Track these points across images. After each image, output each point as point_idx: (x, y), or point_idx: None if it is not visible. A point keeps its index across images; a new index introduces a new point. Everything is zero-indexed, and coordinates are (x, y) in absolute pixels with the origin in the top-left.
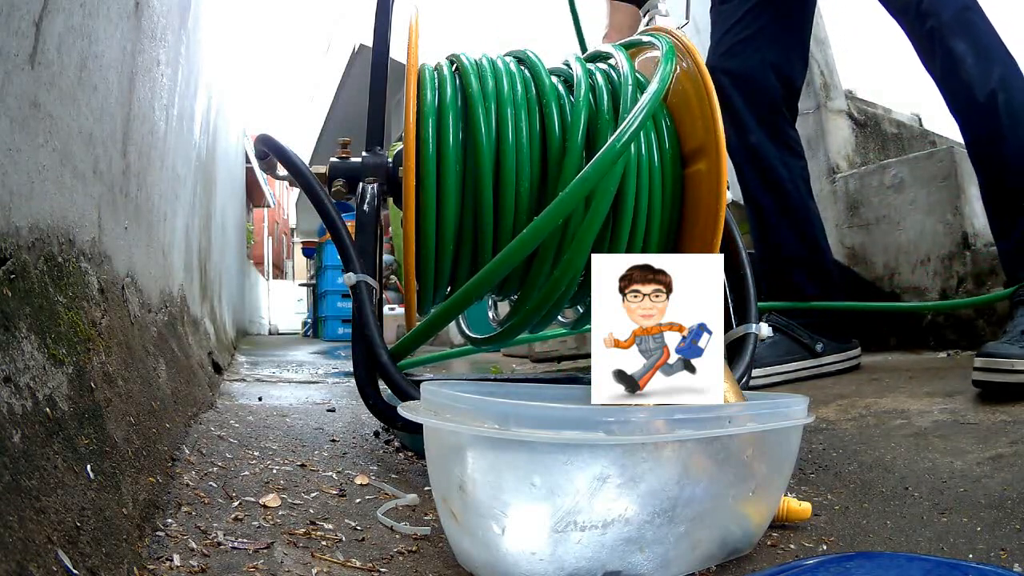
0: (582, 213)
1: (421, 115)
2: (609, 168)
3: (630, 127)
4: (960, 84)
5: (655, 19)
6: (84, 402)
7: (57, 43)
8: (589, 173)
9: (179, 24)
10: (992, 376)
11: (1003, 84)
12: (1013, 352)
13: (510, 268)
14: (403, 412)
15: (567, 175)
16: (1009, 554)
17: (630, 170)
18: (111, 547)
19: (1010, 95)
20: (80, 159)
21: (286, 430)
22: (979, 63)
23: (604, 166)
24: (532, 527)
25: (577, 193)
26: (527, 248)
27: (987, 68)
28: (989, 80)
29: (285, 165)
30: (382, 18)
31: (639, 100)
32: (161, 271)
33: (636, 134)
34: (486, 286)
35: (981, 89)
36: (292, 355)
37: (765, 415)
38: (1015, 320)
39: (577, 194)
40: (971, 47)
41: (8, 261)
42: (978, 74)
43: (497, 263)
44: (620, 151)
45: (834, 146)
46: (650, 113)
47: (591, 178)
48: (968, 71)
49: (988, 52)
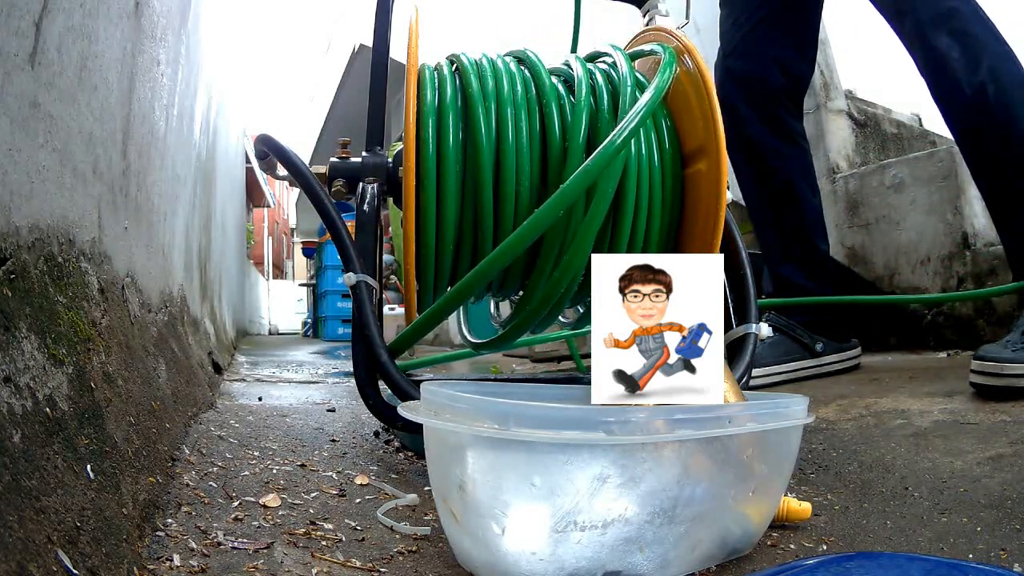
0: (582, 212)
1: (421, 115)
2: (611, 160)
3: (631, 121)
4: (948, 81)
5: (655, 19)
6: (84, 402)
7: (57, 43)
8: (591, 166)
9: (179, 24)
10: (984, 379)
11: (992, 75)
12: (1004, 356)
13: (511, 259)
14: (403, 412)
15: (569, 174)
16: (1009, 554)
17: (630, 170)
18: (111, 547)
19: (1000, 86)
20: (80, 159)
21: (286, 430)
22: (965, 56)
23: (606, 159)
24: (532, 527)
25: (579, 185)
26: (527, 240)
27: (975, 60)
28: (978, 72)
29: (285, 165)
30: (382, 18)
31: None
32: (161, 271)
33: (637, 129)
34: (486, 278)
35: (970, 84)
36: (292, 355)
37: (765, 415)
38: (1019, 319)
39: (579, 186)
40: (956, 40)
41: (8, 261)
42: (965, 68)
43: (498, 254)
44: (622, 145)
45: (834, 146)
46: (651, 110)
47: (592, 170)
48: (954, 66)
49: (975, 43)
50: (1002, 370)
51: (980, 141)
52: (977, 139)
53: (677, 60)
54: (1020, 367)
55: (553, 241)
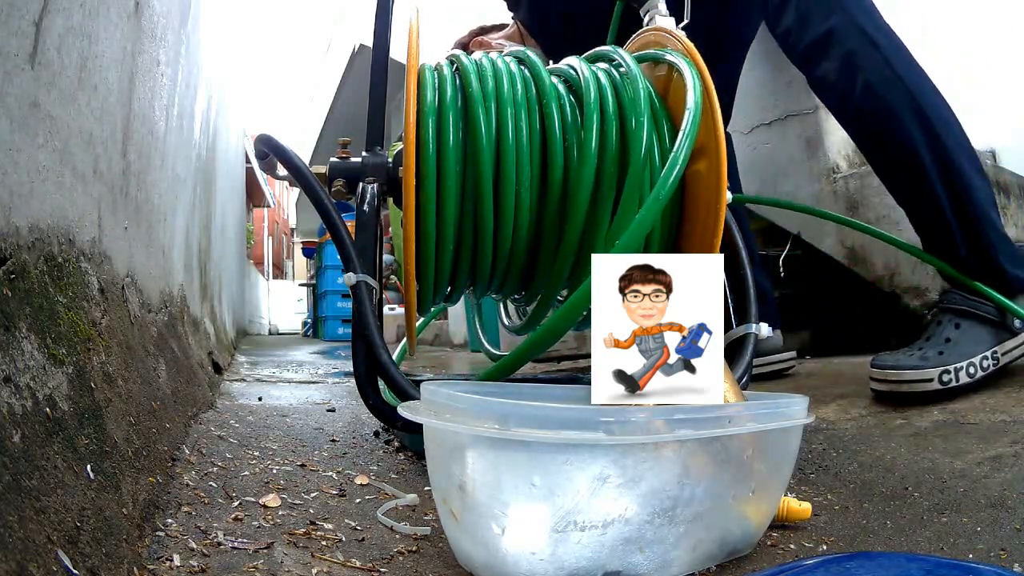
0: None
1: (421, 115)
2: (659, 213)
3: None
4: (832, 101)
5: (655, 19)
6: (84, 402)
7: (57, 43)
8: (645, 216)
9: (179, 24)
10: (881, 386)
11: (868, 91)
12: (905, 363)
13: (568, 328)
14: (403, 412)
15: (585, 180)
16: (1009, 554)
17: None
18: (111, 547)
19: (876, 100)
20: (80, 159)
21: (286, 430)
22: (842, 77)
23: (655, 211)
24: (532, 527)
25: (635, 240)
26: (578, 311)
27: (851, 80)
28: (854, 91)
29: (285, 165)
30: (382, 18)
31: (640, 96)
32: (161, 271)
33: (680, 173)
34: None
35: (850, 104)
36: (292, 355)
37: (765, 415)
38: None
39: (635, 242)
40: (833, 63)
41: (8, 261)
42: (844, 90)
43: (555, 321)
44: (668, 193)
45: (834, 146)
46: (691, 145)
47: (646, 222)
48: (833, 89)
49: (852, 61)
50: (901, 376)
51: (868, 150)
52: (866, 149)
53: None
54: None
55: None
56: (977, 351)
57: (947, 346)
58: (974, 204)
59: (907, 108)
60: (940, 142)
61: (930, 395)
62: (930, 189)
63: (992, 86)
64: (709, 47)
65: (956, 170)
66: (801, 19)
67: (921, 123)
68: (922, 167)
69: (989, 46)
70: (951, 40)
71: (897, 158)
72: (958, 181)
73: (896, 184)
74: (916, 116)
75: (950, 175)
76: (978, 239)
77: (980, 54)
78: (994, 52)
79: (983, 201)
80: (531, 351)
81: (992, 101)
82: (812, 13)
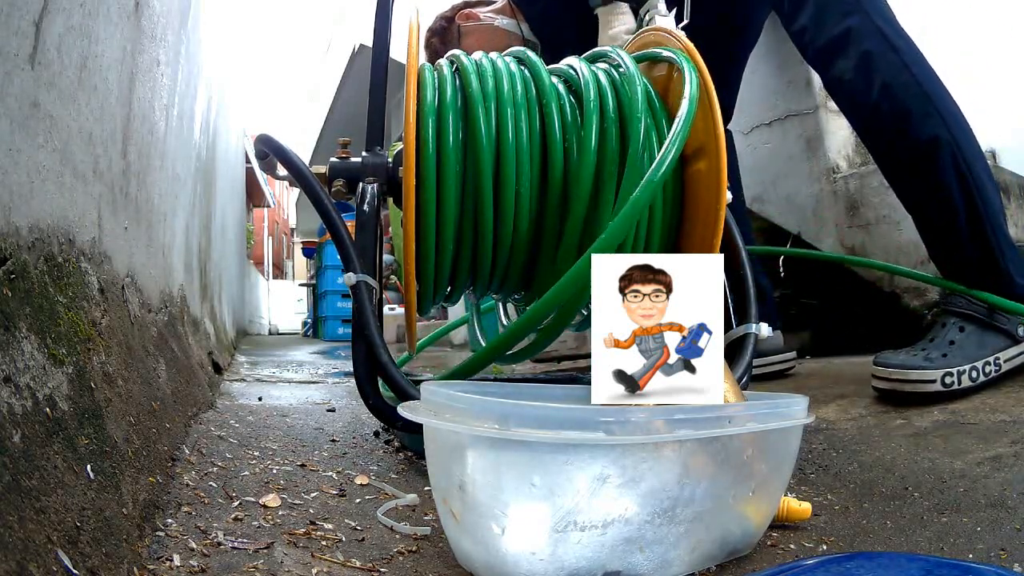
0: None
1: (421, 115)
2: (649, 202)
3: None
4: (845, 102)
5: (655, 19)
6: (84, 402)
7: (57, 43)
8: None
9: (179, 24)
10: (883, 384)
11: (886, 92)
12: (909, 363)
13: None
14: (403, 412)
15: (584, 180)
16: (1009, 554)
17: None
18: (111, 547)
19: (894, 101)
20: (80, 159)
21: (286, 430)
22: (859, 76)
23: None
24: (532, 527)
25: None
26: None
27: (868, 80)
28: (871, 92)
29: (285, 165)
30: (382, 18)
31: (638, 96)
32: (161, 271)
33: (677, 154)
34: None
35: (865, 104)
36: (292, 355)
37: (765, 415)
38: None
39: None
40: (850, 62)
41: (8, 261)
42: (860, 90)
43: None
44: (659, 182)
45: (834, 146)
46: (687, 130)
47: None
48: (848, 89)
49: (869, 62)
50: (907, 376)
51: (881, 152)
52: (879, 150)
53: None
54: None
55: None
56: (981, 355)
57: (951, 348)
58: (988, 211)
59: (926, 112)
60: (959, 148)
61: (931, 396)
62: (946, 193)
63: (992, 86)
64: (711, 46)
65: (975, 177)
66: (819, 17)
67: (941, 127)
68: (940, 172)
69: (989, 46)
70: (951, 40)
71: (911, 161)
72: (975, 188)
73: (906, 186)
74: (935, 120)
75: (967, 181)
76: (988, 244)
77: (980, 54)
78: (994, 52)
79: (996, 208)
80: (495, 352)
81: (992, 101)
82: (830, 12)
